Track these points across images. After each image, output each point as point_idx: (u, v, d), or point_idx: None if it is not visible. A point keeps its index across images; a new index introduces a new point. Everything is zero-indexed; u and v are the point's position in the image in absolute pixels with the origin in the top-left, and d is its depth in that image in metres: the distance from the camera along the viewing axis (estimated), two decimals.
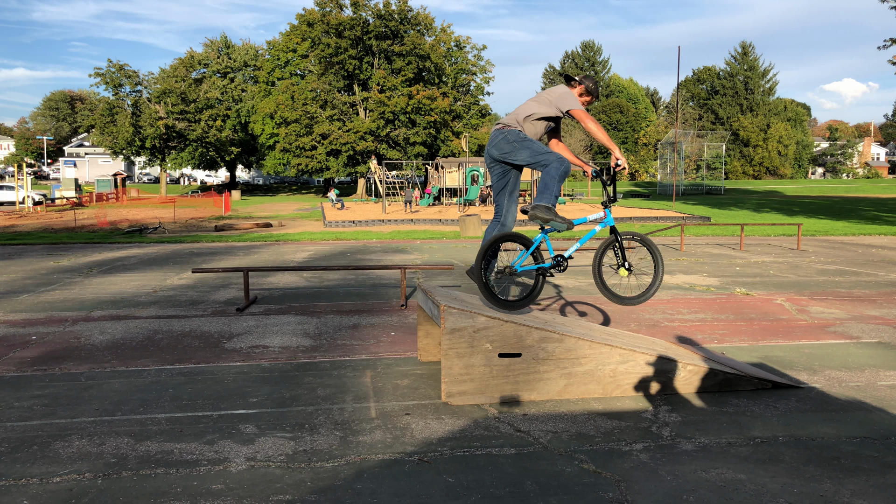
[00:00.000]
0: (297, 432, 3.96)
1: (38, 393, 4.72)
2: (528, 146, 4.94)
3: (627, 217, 24.12)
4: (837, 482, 3.27)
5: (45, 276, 10.58)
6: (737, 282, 9.79)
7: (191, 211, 31.45)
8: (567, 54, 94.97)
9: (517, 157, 4.98)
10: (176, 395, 4.65)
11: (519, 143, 4.95)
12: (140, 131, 54.63)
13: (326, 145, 50.14)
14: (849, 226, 21.37)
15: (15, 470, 3.44)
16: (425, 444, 3.77)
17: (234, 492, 3.19)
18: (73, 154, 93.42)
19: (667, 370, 4.58)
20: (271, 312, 7.62)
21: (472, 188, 32.25)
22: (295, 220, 26.14)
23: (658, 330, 6.62)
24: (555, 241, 6.27)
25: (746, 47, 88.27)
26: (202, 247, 15.47)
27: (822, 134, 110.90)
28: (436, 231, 19.73)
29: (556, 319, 5.19)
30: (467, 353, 4.33)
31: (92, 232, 19.79)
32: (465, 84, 57.18)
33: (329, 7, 51.77)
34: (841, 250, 14.36)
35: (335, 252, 14.06)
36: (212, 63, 67.36)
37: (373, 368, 5.33)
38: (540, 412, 4.26)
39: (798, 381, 4.91)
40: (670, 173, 61.02)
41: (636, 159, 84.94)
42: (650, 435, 3.89)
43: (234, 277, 10.35)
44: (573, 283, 9.71)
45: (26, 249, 15.03)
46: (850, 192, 57.25)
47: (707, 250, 14.28)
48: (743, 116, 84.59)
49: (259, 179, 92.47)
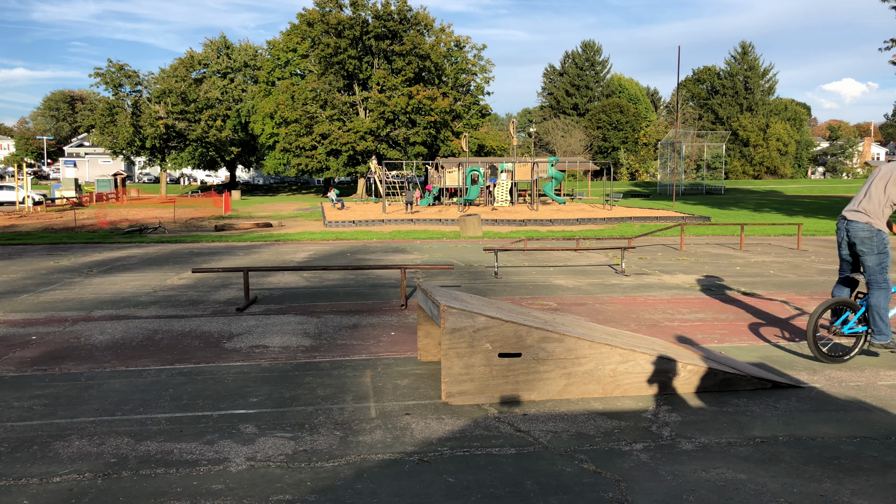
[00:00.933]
0: (297, 432, 3.96)
1: (38, 393, 4.73)
2: (880, 259, 5.24)
3: (628, 217, 24.12)
4: (837, 482, 3.28)
5: (45, 276, 10.58)
6: (737, 282, 9.79)
7: (191, 211, 31.45)
8: (567, 54, 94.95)
9: (867, 260, 5.31)
10: (176, 395, 4.65)
11: (876, 251, 5.25)
12: (140, 131, 54.64)
13: (326, 145, 50.14)
14: None
15: (15, 470, 3.45)
16: (425, 444, 3.77)
17: (233, 492, 3.19)
18: (73, 154, 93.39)
19: (667, 370, 4.58)
20: (271, 312, 7.62)
21: (472, 188, 32.24)
22: (295, 219, 26.14)
23: (658, 330, 6.62)
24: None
25: (746, 47, 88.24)
26: (202, 247, 15.48)
27: (823, 134, 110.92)
28: (436, 231, 19.73)
29: (555, 319, 5.19)
30: (467, 353, 4.33)
31: (92, 232, 19.79)
32: (466, 84, 57.18)
33: (329, 7, 51.80)
34: None
35: (335, 252, 14.06)
36: (212, 63, 67.37)
37: (373, 368, 5.33)
38: (540, 412, 4.26)
39: (798, 381, 4.91)
40: (670, 173, 61.04)
41: (636, 159, 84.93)
42: (650, 435, 3.89)
43: (234, 277, 10.35)
44: (573, 282, 9.71)
45: (26, 249, 15.03)
46: (851, 192, 57.24)
47: (707, 250, 14.28)
48: (743, 116, 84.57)
49: (259, 179, 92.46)
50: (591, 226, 22.10)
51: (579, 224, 22.59)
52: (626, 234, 17.88)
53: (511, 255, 13.08)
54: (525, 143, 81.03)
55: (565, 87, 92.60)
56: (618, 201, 34.81)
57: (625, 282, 9.84)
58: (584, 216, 24.58)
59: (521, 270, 11.05)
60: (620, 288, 9.27)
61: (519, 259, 12.59)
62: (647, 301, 8.27)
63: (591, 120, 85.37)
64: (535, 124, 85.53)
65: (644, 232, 16.99)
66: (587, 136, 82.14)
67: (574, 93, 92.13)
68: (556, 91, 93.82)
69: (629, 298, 8.45)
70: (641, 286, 9.43)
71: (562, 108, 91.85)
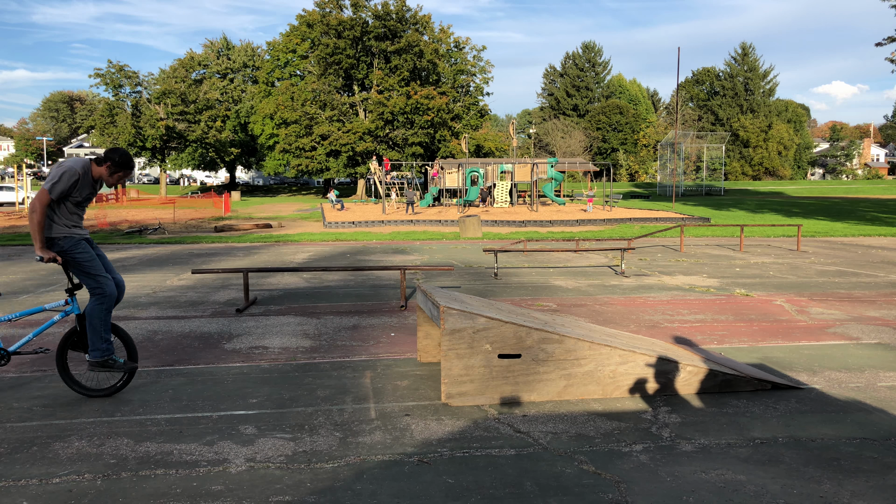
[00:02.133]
0: (297, 433, 3.96)
1: (38, 394, 4.72)
2: None
3: (627, 218, 24.12)
4: (837, 483, 3.27)
5: (45, 277, 10.57)
6: (737, 283, 9.79)
7: (191, 212, 31.45)
8: (568, 55, 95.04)
9: None
10: (176, 396, 4.65)
11: None
12: (141, 132, 54.65)
13: (326, 146, 50.17)
14: (848, 227, 21.38)
15: (15, 471, 3.44)
16: (425, 445, 3.77)
17: (233, 493, 3.19)
18: (73, 155, 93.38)
19: (666, 371, 4.58)
20: (271, 313, 7.62)
21: (472, 189, 32.25)
22: (295, 220, 26.14)
23: (658, 331, 6.62)
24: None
25: (747, 48, 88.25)
26: (202, 248, 15.47)
27: (822, 135, 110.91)
28: (435, 232, 19.73)
29: (555, 320, 5.19)
30: (467, 354, 4.33)
31: (92, 233, 19.77)
32: (465, 85, 57.23)
33: (329, 8, 51.84)
34: (841, 251, 14.37)
35: (335, 253, 14.06)
36: (211, 64, 67.41)
37: (372, 369, 5.33)
38: (540, 413, 4.26)
39: (798, 382, 4.91)
40: (670, 174, 61.06)
41: (636, 160, 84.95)
42: (650, 436, 3.89)
43: (234, 278, 10.35)
44: (573, 283, 9.71)
45: (26, 250, 15.03)
46: (850, 193, 57.29)
47: (707, 251, 14.28)
48: (744, 117, 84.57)
49: (259, 180, 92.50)
50: (591, 227, 22.10)
51: (579, 225, 22.59)
52: (626, 235, 17.88)
53: (511, 256, 13.08)
54: (525, 145, 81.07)
55: (566, 87, 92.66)
56: (617, 202, 34.82)
57: (624, 283, 9.84)
58: (584, 217, 24.58)
59: (520, 271, 11.05)
60: (620, 289, 9.27)
61: (519, 260, 12.59)
62: (646, 302, 8.27)
63: (590, 121, 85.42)
64: (535, 125, 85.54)
65: (644, 233, 16.99)
66: (587, 137, 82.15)
67: (574, 94, 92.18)
68: (556, 92, 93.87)
69: (629, 299, 8.45)
70: (641, 287, 9.43)
71: (562, 108, 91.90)
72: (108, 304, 4.48)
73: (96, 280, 4.45)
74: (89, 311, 4.45)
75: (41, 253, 4.28)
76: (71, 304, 4.59)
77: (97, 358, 4.48)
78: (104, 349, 4.49)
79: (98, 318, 4.45)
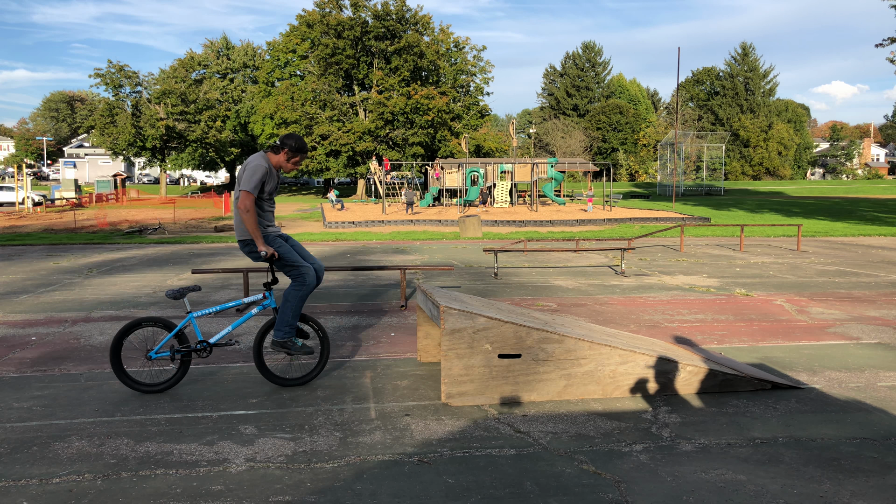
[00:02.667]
0: (297, 433, 3.96)
1: (38, 394, 4.72)
2: None
3: (627, 218, 24.13)
4: (837, 483, 3.27)
5: (45, 277, 10.57)
6: (737, 283, 9.79)
7: (191, 212, 31.44)
8: (568, 55, 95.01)
9: None
10: (175, 396, 4.65)
11: None
12: (141, 132, 54.66)
13: (326, 146, 50.16)
14: (848, 226, 21.38)
15: (15, 471, 3.44)
16: (425, 445, 3.77)
17: (233, 492, 3.19)
18: (73, 155, 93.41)
19: (667, 371, 4.58)
20: (271, 313, 7.61)
21: (472, 189, 32.25)
22: (295, 220, 26.14)
23: (658, 331, 6.62)
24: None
25: (747, 48, 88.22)
26: (202, 247, 15.47)
27: (822, 135, 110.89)
28: (435, 232, 19.73)
29: (555, 320, 5.19)
30: (467, 354, 4.33)
31: (92, 233, 19.78)
32: (465, 85, 57.23)
33: (329, 8, 51.84)
34: (841, 251, 14.37)
35: (335, 253, 14.06)
36: (211, 64, 67.41)
37: (372, 369, 5.33)
38: (540, 413, 4.26)
39: (798, 382, 4.91)
40: (670, 174, 61.06)
41: (636, 160, 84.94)
42: (650, 436, 3.89)
43: (234, 278, 10.35)
44: (573, 283, 9.71)
45: (26, 250, 15.03)
46: (850, 193, 57.29)
47: (707, 251, 14.28)
48: (744, 117, 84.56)
49: None
50: (591, 227, 22.10)
51: (579, 225, 22.59)
52: (626, 235, 17.88)
53: (511, 256, 13.08)
54: (525, 144, 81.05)
55: (566, 87, 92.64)
56: (617, 202, 34.81)
57: (624, 283, 9.84)
58: (584, 217, 24.58)
59: (520, 271, 11.05)
60: (620, 289, 9.27)
61: (519, 260, 12.59)
62: (646, 302, 8.27)
63: (590, 121, 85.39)
64: (535, 125, 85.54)
65: (644, 233, 16.99)
66: (587, 137, 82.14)
67: (574, 94, 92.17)
68: (556, 92, 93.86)
69: (629, 299, 8.45)
70: (641, 287, 9.43)
71: (562, 108, 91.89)
72: (305, 292, 4.70)
73: (298, 269, 4.69)
74: (287, 293, 4.68)
75: (264, 248, 4.53)
76: (268, 298, 4.82)
77: (280, 338, 4.71)
78: (287, 331, 4.71)
79: (292, 301, 4.68)
